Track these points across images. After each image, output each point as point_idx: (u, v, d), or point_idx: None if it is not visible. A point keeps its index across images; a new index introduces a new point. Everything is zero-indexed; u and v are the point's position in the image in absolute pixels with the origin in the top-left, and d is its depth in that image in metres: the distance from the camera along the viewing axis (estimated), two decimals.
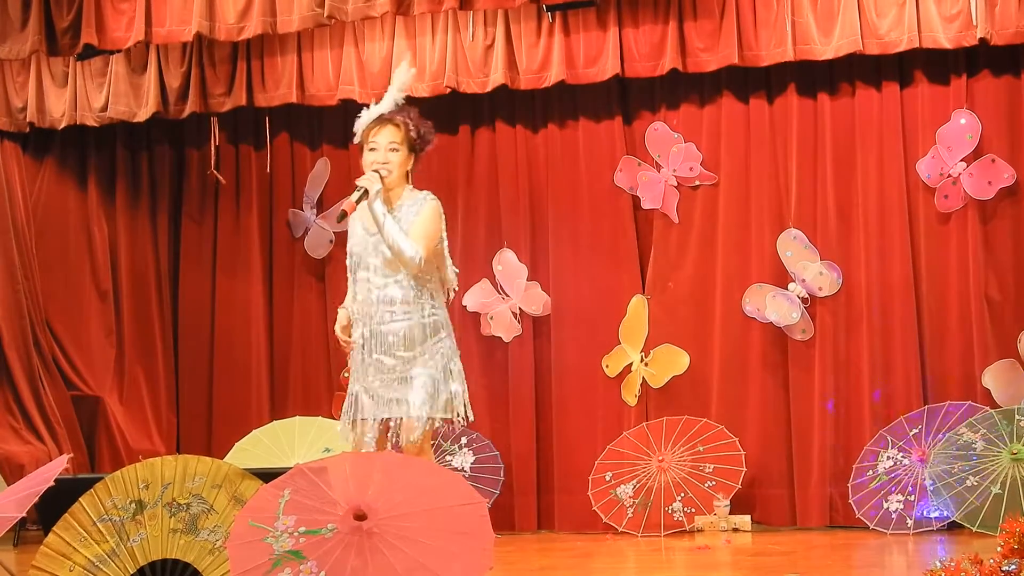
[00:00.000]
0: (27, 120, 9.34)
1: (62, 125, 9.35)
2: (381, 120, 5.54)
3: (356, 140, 5.63)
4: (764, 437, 8.68)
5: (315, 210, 9.64)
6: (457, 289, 5.79)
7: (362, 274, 5.50)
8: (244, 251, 9.76)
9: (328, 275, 9.54)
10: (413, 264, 5.42)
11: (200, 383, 9.82)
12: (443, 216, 5.63)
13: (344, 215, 5.40)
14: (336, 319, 5.64)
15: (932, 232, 8.52)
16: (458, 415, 5.59)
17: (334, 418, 9.02)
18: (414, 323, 5.46)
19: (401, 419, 5.46)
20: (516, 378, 9.13)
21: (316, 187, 9.64)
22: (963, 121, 8.36)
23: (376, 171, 5.46)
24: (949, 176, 8.37)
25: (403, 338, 5.45)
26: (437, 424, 5.55)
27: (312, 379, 9.61)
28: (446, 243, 5.65)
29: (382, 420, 5.50)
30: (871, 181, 8.64)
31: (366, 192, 5.39)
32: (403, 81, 5.66)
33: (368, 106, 5.69)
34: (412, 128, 5.58)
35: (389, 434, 5.52)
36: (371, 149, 5.51)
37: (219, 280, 9.83)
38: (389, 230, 5.38)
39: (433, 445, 8.79)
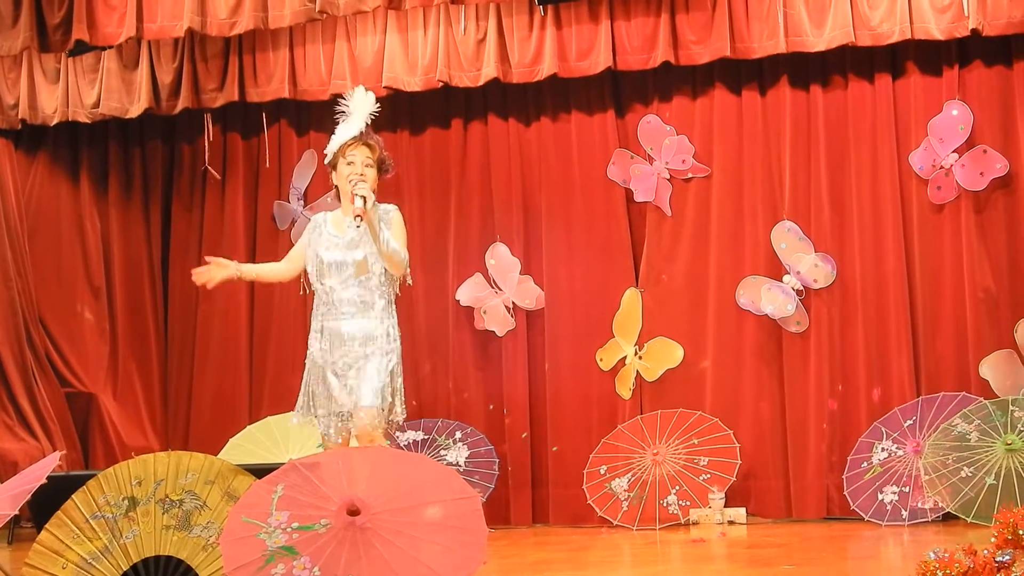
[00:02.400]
0: (19, 117, 9.33)
1: (54, 121, 9.34)
2: (357, 139, 5.99)
3: (328, 160, 6.06)
4: (759, 429, 8.68)
5: (302, 201, 9.62)
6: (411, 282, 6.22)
7: (328, 280, 5.95)
8: (231, 243, 9.74)
9: None
10: (403, 264, 5.95)
11: (188, 378, 9.82)
12: None
13: (361, 220, 5.75)
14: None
15: (925, 223, 8.53)
16: (395, 418, 5.96)
17: None
18: (372, 324, 5.92)
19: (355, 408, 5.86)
20: (510, 372, 9.12)
21: (303, 178, 9.63)
22: (955, 112, 8.36)
23: (363, 182, 5.88)
24: (941, 167, 8.38)
25: (360, 336, 5.91)
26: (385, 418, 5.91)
27: (290, 372, 9.56)
28: None
29: (338, 412, 5.93)
30: (864, 173, 8.64)
31: (365, 200, 5.78)
32: (368, 107, 6.07)
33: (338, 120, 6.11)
34: (382, 151, 6.06)
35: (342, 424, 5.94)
36: (348, 163, 5.95)
37: None
38: (384, 235, 5.85)
39: (427, 440, 8.85)
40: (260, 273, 6.36)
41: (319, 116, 9.54)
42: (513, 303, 9.13)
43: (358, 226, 5.78)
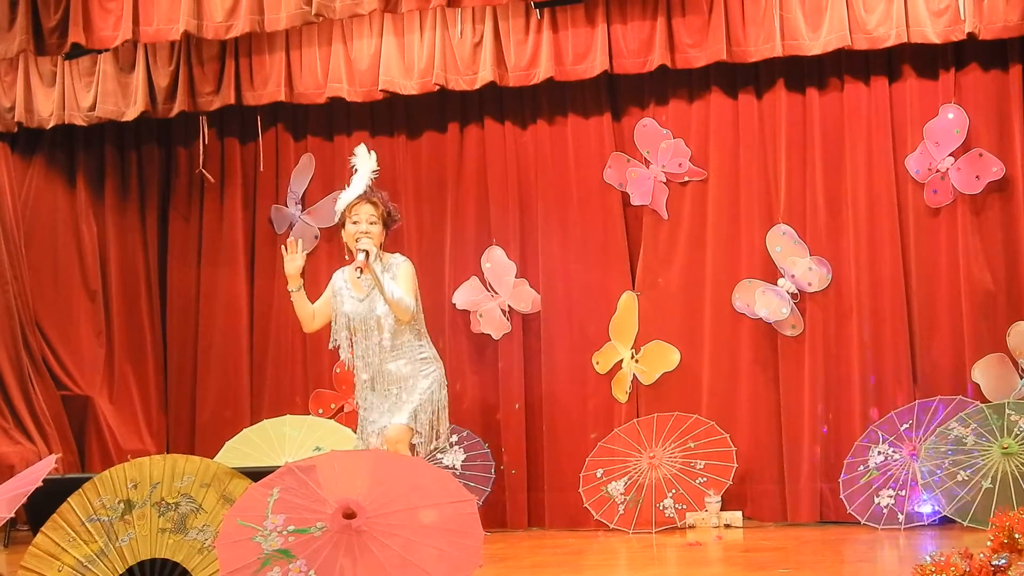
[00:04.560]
0: (15, 120, 9.31)
1: (50, 124, 9.32)
2: (361, 198, 6.43)
3: (336, 219, 6.53)
4: (754, 433, 8.68)
5: (300, 205, 9.62)
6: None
7: (362, 339, 6.39)
8: (229, 247, 9.76)
9: (309, 272, 9.50)
10: (408, 311, 6.32)
11: (187, 381, 9.82)
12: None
13: (361, 272, 6.29)
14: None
15: (921, 227, 8.53)
16: (432, 435, 6.41)
17: (310, 414, 9.08)
18: (407, 361, 6.37)
19: (390, 424, 6.32)
20: (506, 376, 9.12)
21: (300, 182, 9.63)
22: (951, 116, 8.37)
23: (368, 238, 6.32)
24: (937, 171, 8.38)
25: (399, 374, 6.36)
26: (415, 438, 6.34)
27: (288, 375, 9.59)
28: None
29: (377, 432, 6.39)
30: (860, 176, 8.64)
31: (367, 254, 6.22)
32: (371, 166, 6.53)
33: (347, 183, 6.53)
34: (386, 207, 6.48)
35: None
36: (354, 222, 6.38)
37: (204, 278, 9.83)
38: (388, 285, 6.26)
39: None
40: (302, 306, 6.56)
41: (316, 119, 9.57)
42: (509, 306, 9.13)
43: (359, 277, 6.36)
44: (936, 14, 8.09)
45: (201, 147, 9.78)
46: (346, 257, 6.47)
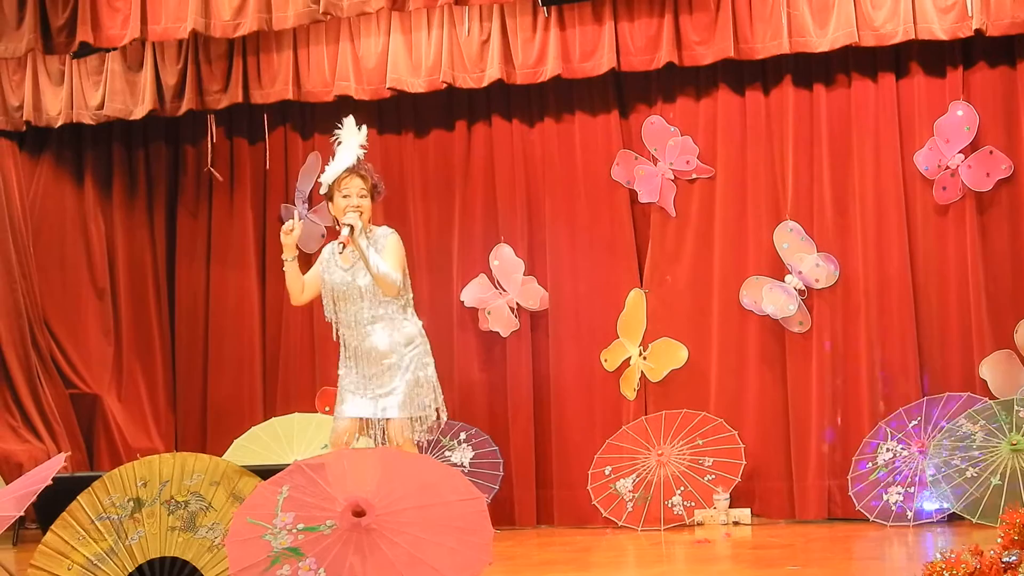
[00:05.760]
0: (23, 119, 9.34)
1: (58, 123, 9.35)
2: (350, 171, 6.38)
3: (323, 190, 6.48)
4: (762, 430, 8.68)
5: (307, 204, 9.63)
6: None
7: (344, 307, 6.35)
8: (238, 246, 9.77)
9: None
10: (394, 285, 6.27)
11: (196, 380, 9.83)
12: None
13: (344, 247, 6.29)
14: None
15: (929, 224, 8.52)
16: (429, 420, 6.38)
17: (318, 412, 9.08)
18: (388, 332, 6.31)
19: (387, 420, 6.27)
20: (514, 373, 9.12)
21: (307, 181, 9.63)
22: (960, 113, 8.35)
23: (356, 212, 6.29)
24: (947, 168, 8.36)
25: (380, 350, 6.28)
26: (415, 429, 6.33)
27: (297, 374, 9.60)
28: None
29: (360, 418, 6.34)
30: (868, 173, 8.63)
31: (352, 228, 6.19)
32: (360, 136, 6.47)
33: (331, 157, 6.48)
34: (374, 179, 6.44)
35: (368, 430, 6.35)
36: (344, 196, 6.35)
37: (214, 276, 9.84)
38: (373, 259, 6.22)
39: (432, 441, 8.84)
40: (295, 277, 6.49)
41: (323, 118, 9.55)
42: (517, 304, 9.13)
43: (340, 252, 6.36)
44: (943, 11, 8.08)
45: (209, 145, 9.79)
46: (336, 228, 6.45)
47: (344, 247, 6.29)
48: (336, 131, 6.51)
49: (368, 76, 8.99)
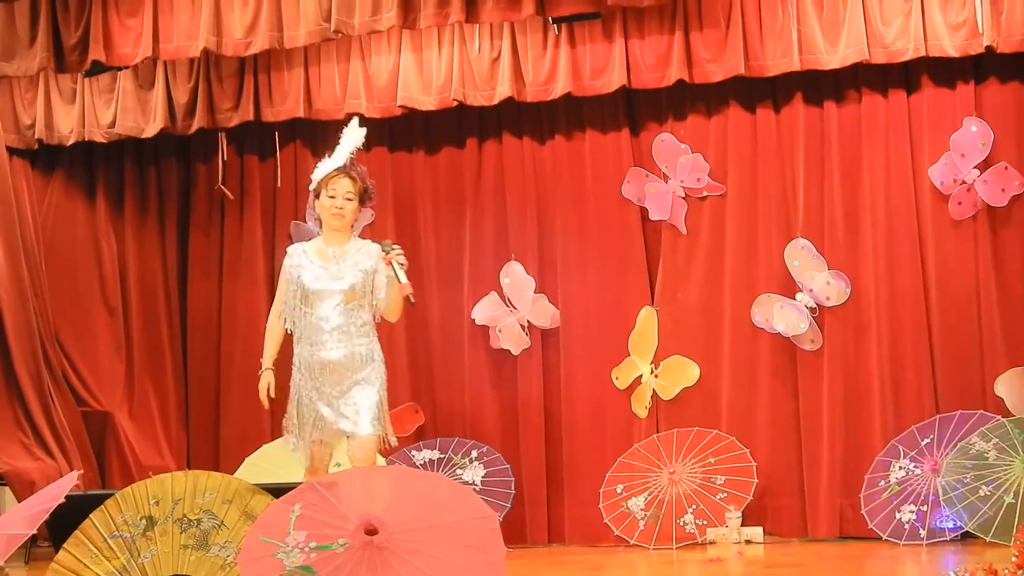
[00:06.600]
0: (36, 137, 9.36)
1: (70, 141, 9.37)
2: (340, 171, 6.23)
3: (313, 187, 6.29)
4: (774, 448, 8.66)
5: (318, 222, 9.59)
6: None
7: (319, 308, 6.11)
8: (248, 263, 9.77)
9: None
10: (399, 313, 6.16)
11: (208, 397, 9.82)
12: None
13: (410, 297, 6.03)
14: (262, 380, 6.22)
15: (941, 240, 8.50)
16: (390, 443, 6.17)
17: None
18: (363, 343, 6.10)
19: (353, 435, 6.02)
20: (525, 391, 9.11)
21: None
22: (974, 128, 8.34)
23: (343, 214, 6.18)
24: (963, 183, 8.35)
25: (347, 363, 6.08)
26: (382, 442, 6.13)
27: None
28: None
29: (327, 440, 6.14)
30: (878, 189, 8.63)
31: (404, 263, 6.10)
32: (357, 137, 6.36)
33: (327, 155, 6.39)
34: (364, 182, 6.26)
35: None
36: (330, 196, 6.19)
37: (225, 294, 9.84)
38: (404, 280, 6.01)
39: (443, 459, 8.84)
40: (275, 351, 6.36)
41: (334, 135, 9.51)
42: (528, 322, 9.13)
43: (413, 303, 6.04)
44: (954, 28, 8.07)
45: (220, 163, 9.81)
46: (317, 231, 6.38)
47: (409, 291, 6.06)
48: (355, 115, 6.44)
49: (379, 94, 9.01)
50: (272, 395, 6.20)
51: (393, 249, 6.14)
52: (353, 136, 6.36)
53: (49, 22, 8.49)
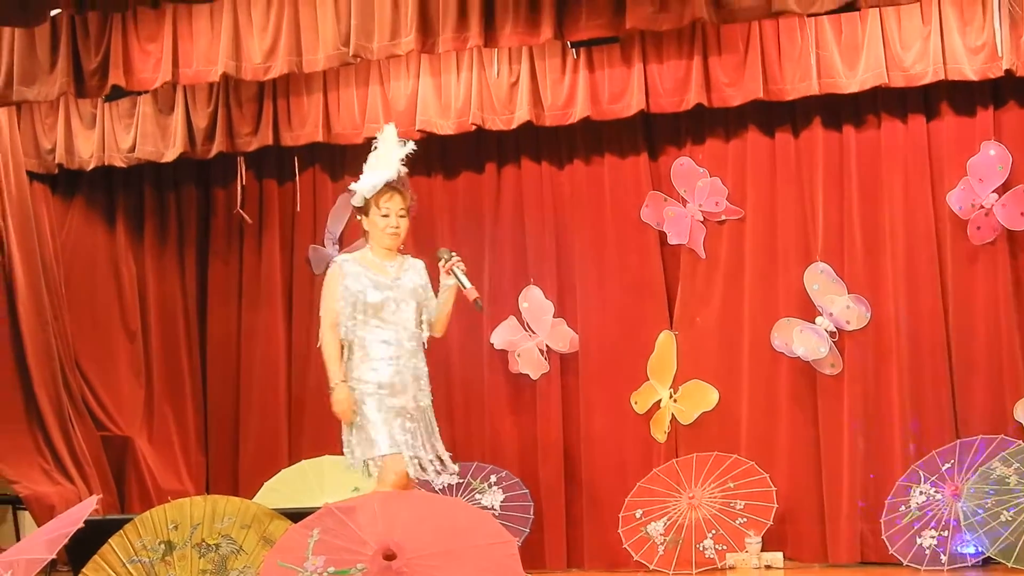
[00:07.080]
0: (56, 161, 9.39)
1: (90, 166, 9.40)
2: (390, 187, 6.14)
3: (360, 203, 6.24)
4: (794, 473, 8.62)
5: (337, 245, 9.64)
6: None
7: (389, 328, 6.09)
8: (268, 288, 9.78)
9: None
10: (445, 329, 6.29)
11: (228, 422, 9.83)
12: None
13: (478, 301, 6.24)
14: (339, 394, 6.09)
15: (961, 264, 8.48)
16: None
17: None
18: (423, 368, 6.23)
19: (440, 458, 6.12)
20: (544, 416, 9.09)
21: (338, 222, 9.66)
22: (992, 152, 8.32)
23: (398, 232, 6.16)
24: (981, 207, 8.32)
25: (423, 381, 6.20)
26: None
27: (325, 416, 9.52)
28: None
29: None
30: (898, 213, 8.60)
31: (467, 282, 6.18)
32: (402, 151, 6.22)
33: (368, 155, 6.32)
34: (413, 197, 6.25)
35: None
36: (384, 215, 6.14)
37: (245, 318, 9.85)
38: (469, 286, 6.15)
39: (462, 485, 8.82)
40: (341, 367, 6.20)
41: (353, 159, 9.58)
42: (547, 346, 9.11)
43: (481, 309, 6.43)
44: (973, 51, 8.06)
45: (239, 188, 9.83)
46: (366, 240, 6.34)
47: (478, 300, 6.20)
48: (374, 140, 6.34)
49: (398, 118, 8.99)
50: (355, 409, 6.10)
51: (453, 256, 6.16)
52: (397, 147, 6.23)
53: (69, 47, 8.52)
